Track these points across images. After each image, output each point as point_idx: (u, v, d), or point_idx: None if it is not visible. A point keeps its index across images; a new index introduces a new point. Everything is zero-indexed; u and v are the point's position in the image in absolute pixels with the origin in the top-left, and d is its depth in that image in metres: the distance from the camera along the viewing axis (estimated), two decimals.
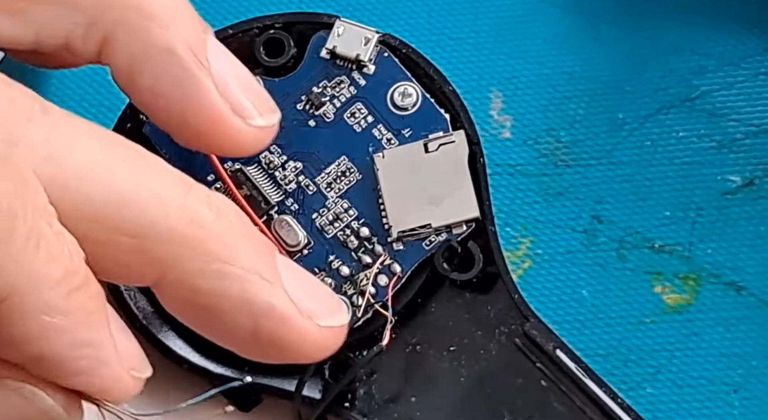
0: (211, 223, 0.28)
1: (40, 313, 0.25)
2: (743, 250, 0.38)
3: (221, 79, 0.30)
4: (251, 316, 0.28)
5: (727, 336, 0.37)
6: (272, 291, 0.28)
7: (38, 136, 0.26)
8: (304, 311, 0.29)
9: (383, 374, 0.34)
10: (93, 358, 0.27)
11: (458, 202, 0.34)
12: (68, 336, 0.26)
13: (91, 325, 0.26)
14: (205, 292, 0.28)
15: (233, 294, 0.28)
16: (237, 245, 0.28)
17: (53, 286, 0.26)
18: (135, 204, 0.27)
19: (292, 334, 0.28)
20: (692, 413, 0.37)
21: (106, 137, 0.28)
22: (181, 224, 0.27)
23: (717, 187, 0.38)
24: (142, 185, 0.27)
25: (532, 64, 0.40)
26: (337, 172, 0.34)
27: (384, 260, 0.34)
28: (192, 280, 0.28)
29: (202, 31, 0.30)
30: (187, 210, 0.28)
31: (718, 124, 0.39)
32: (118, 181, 0.27)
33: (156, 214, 0.27)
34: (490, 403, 0.33)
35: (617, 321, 0.37)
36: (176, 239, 0.27)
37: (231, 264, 0.28)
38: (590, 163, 0.39)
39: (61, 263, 0.26)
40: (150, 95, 0.30)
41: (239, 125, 0.30)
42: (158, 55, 0.29)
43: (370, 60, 0.35)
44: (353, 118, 0.35)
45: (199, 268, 0.27)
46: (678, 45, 0.40)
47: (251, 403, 0.35)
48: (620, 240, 0.38)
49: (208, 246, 0.28)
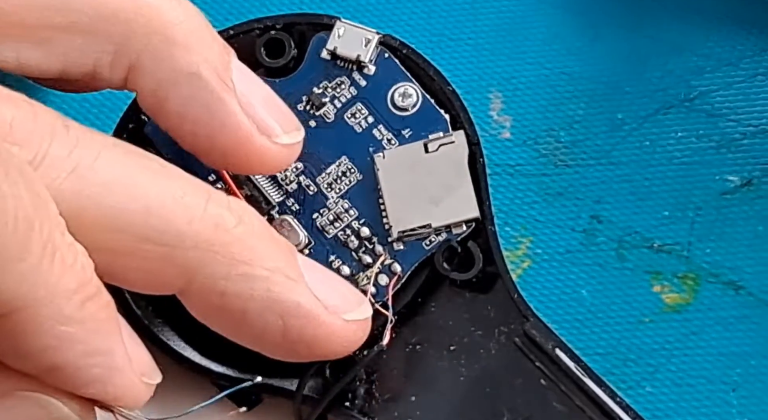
0: (234, 227, 0.28)
1: (56, 323, 0.26)
2: (742, 249, 0.38)
3: (246, 100, 0.30)
4: (279, 315, 0.29)
5: (725, 335, 0.37)
6: (297, 289, 0.29)
7: (61, 151, 0.27)
8: (330, 307, 0.29)
9: (383, 373, 0.34)
10: (106, 366, 0.27)
11: (458, 202, 0.34)
12: (82, 345, 0.26)
13: (104, 334, 0.27)
14: (233, 295, 0.28)
15: (260, 295, 0.28)
16: (260, 247, 0.29)
17: (69, 297, 0.26)
18: (160, 212, 0.27)
19: (320, 331, 0.29)
20: (691, 412, 0.37)
21: (127, 150, 0.28)
22: (206, 230, 0.28)
23: (716, 187, 0.38)
24: (166, 194, 0.28)
25: (532, 65, 0.40)
26: (337, 173, 0.34)
27: (384, 260, 0.34)
28: (219, 285, 0.28)
29: (225, 53, 0.31)
30: (210, 216, 0.28)
31: (716, 124, 0.39)
32: (142, 191, 0.27)
33: (181, 222, 0.28)
34: (490, 403, 0.33)
35: (616, 320, 0.37)
36: (202, 245, 0.28)
37: (256, 266, 0.28)
38: (589, 163, 0.39)
39: (75, 274, 0.26)
40: (177, 119, 0.30)
41: (266, 144, 0.31)
42: (184, 79, 0.30)
43: (371, 61, 0.35)
44: (354, 119, 0.35)
45: (225, 271, 0.28)
46: (677, 45, 0.40)
47: (252, 403, 0.35)
48: (619, 240, 0.38)
49: (232, 250, 0.28)
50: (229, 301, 0.28)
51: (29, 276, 0.25)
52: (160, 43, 0.30)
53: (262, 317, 0.29)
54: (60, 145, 0.27)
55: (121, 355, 0.27)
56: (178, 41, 0.30)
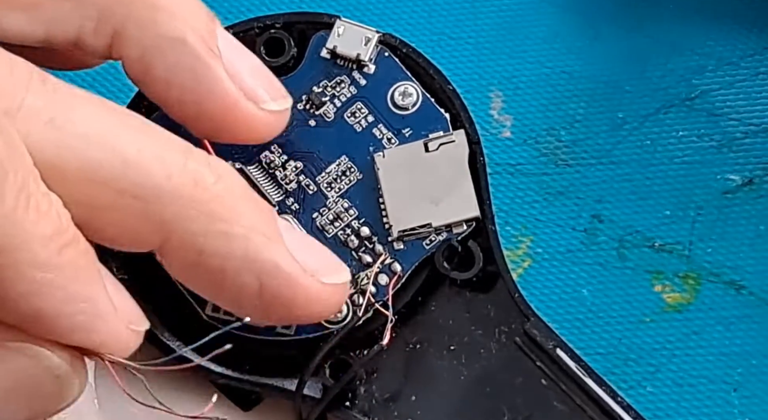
0: (213, 184, 0.28)
1: (33, 269, 0.26)
2: (743, 249, 0.38)
3: (232, 66, 0.30)
4: (256, 274, 0.28)
5: (726, 335, 0.37)
6: (275, 249, 0.29)
7: (38, 102, 0.27)
8: (308, 269, 0.29)
9: (383, 373, 0.34)
10: (89, 312, 0.27)
11: (458, 202, 0.34)
12: (62, 291, 0.26)
13: (84, 280, 0.27)
14: (210, 253, 0.28)
15: (237, 253, 0.28)
16: (239, 205, 0.28)
17: (44, 243, 0.26)
18: (139, 166, 0.27)
19: (297, 292, 0.29)
20: (692, 412, 0.37)
21: (106, 104, 0.28)
22: (185, 186, 0.28)
23: (717, 187, 0.38)
24: (146, 148, 0.28)
25: (532, 64, 0.40)
26: (337, 172, 0.34)
27: (384, 259, 0.34)
28: (196, 241, 0.28)
29: (211, 20, 0.31)
30: (189, 172, 0.28)
31: (717, 123, 0.39)
32: (121, 144, 0.27)
33: (160, 176, 0.27)
34: (490, 402, 0.33)
35: (617, 320, 0.37)
36: (180, 200, 0.28)
37: (234, 224, 0.28)
38: (590, 162, 0.39)
39: (50, 220, 0.26)
40: (163, 86, 0.30)
41: (253, 110, 0.30)
42: (169, 45, 0.30)
43: (371, 60, 0.35)
44: (353, 118, 0.35)
45: (203, 228, 0.28)
46: (678, 45, 0.40)
47: (251, 403, 0.35)
48: (620, 239, 0.38)
49: (211, 206, 0.28)
50: (207, 259, 0.28)
51: (3, 222, 0.25)
52: (145, 10, 0.30)
53: (239, 276, 0.28)
54: (36, 96, 0.27)
55: (104, 302, 0.27)
56: (162, 7, 0.30)
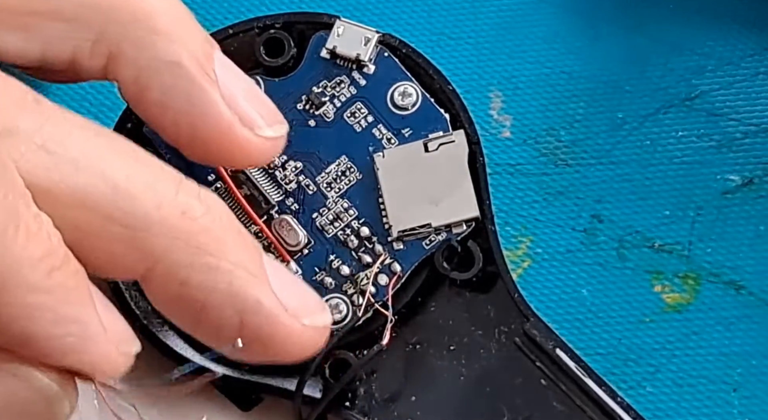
0: (202, 217, 0.28)
1: (23, 292, 0.26)
2: (743, 249, 0.38)
3: (228, 91, 0.30)
4: (238, 311, 0.28)
5: (726, 335, 0.37)
6: (259, 287, 0.29)
7: (32, 125, 0.27)
8: (290, 309, 0.29)
9: (383, 373, 0.34)
10: (79, 335, 0.27)
11: (458, 202, 0.34)
12: (52, 314, 0.26)
13: (74, 303, 0.27)
14: (194, 286, 0.28)
15: (221, 288, 0.28)
16: (226, 240, 0.28)
17: (34, 265, 0.26)
18: (129, 194, 0.27)
19: (278, 331, 0.29)
20: (692, 412, 0.37)
21: (98, 130, 0.28)
22: (173, 216, 0.28)
23: (716, 187, 0.38)
24: (136, 176, 0.28)
25: (532, 64, 0.40)
26: (337, 172, 0.34)
27: (384, 260, 0.34)
28: (181, 273, 0.28)
29: (208, 44, 0.30)
30: (179, 203, 0.28)
31: (717, 123, 0.39)
32: (112, 171, 0.27)
33: (149, 205, 0.27)
34: (490, 402, 0.33)
35: (617, 320, 0.37)
36: (168, 231, 0.27)
37: (220, 258, 0.28)
38: (590, 162, 0.39)
39: (40, 243, 0.26)
40: (158, 109, 0.30)
41: (248, 136, 0.30)
42: (165, 68, 0.30)
43: (370, 60, 0.35)
44: (353, 118, 0.35)
45: (188, 260, 0.28)
46: (678, 45, 0.40)
47: (251, 403, 0.35)
48: (620, 239, 0.38)
49: (198, 239, 0.28)
50: (189, 291, 0.28)
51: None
52: (142, 32, 0.29)
53: (220, 311, 0.28)
54: (29, 119, 0.27)
55: (94, 324, 0.27)
56: (160, 30, 0.30)
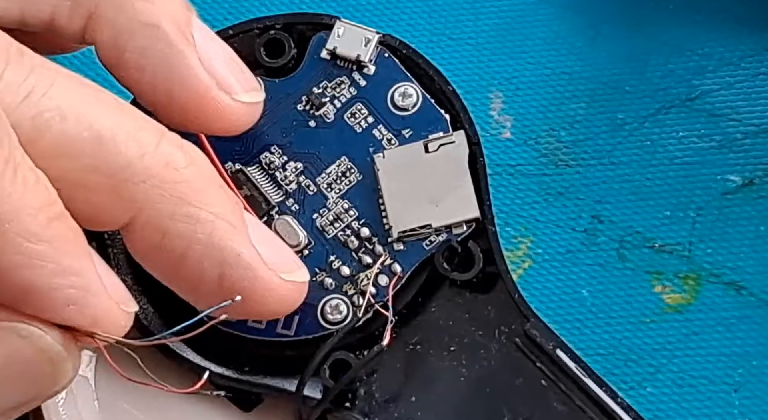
0: (185, 167, 0.28)
1: (22, 239, 0.26)
2: (743, 249, 0.38)
3: (206, 55, 0.30)
4: (218, 262, 0.28)
5: (727, 335, 0.37)
6: (240, 239, 0.29)
7: (17, 77, 0.27)
8: (269, 264, 0.29)
9: (384, 374, 0.34)
10: (80, 287, 0.27)
11: (458, 202, 0.34)
12: (52, 264, 0.26)
13: (74, 254, 0.27)
14: (175, 235, 0.28)
15: (202, 239, 0.28)
16: (208, 191, 0.28)
17: (33, 214, 0.26)
18: (112, 144, 0.27)
19: (256, 285, 0.29)
20: (692, 413, 0.37)
21: (82, 81, 0.28)
22: (156, 166, 0.28)
23: (717, 187, 0.38)
24: (120, 126, 0.28)
25: (532, 65, 0.40)
26: (337, 173, 0.34)
27: (384, 260, 0.34)
28: (163, 223, 0.28)
29: (186, 8, 0.31)
30: (162, 153, 0.28)
31: (717, 124, 0.39)
32: (96, 121, 0.27)
33: (132, 155, 0.27)
34: (490, 403, 0.33)
35: (617, 320, 0.37)
36: (150, 180, 0.28)
37: (201, 208, 0.28)
38: (590, 163, 0.39)
39: (38, 192, 0.26)
40: (135, 71, 0.30)
41: (225, 100, 0.31)
42: (143, 30, 0.30)
43: (371, 60, 0.35)
44: (353, 119, 0.35)
45: (170, 210, 0.28)
46: (678, 45, 0.40)
47: (251, 403, 0.35)
48: (620, 240, 0.38)
49: (181, 189, 0.28)
50: (170, 241, 0.28)
51: None
52: None
53: (200, 263, 0.28)
54: (14, 70, 0.27)
55: (94, 277, 0.27)
56: None
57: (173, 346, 0.34)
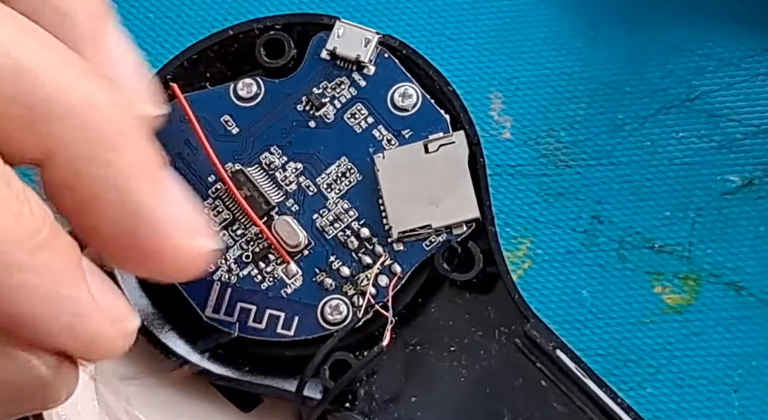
0: (110, 111, 0.27)
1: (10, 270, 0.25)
2: (743, 250, 0.38)
3: None
4: (129, 214, 0.27)
5: (726, 336, 0.37)
6: (156, 193, 0.28)
7: None
8: (182, 224, 0.28)
9: (383, 374, 0.34)
10: (73, 312, 0.26)
11: (458, 203, 0.34)
12: (42, 291, 0.26)
13: (64, 280, 0.26)
14: (90, 179, 0.27)
15: (117, 186, 0.27)
16: (129, 137, 0.27)
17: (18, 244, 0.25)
18: (33, 75, 0.26)
19: (167, 244, 0.28)
20: (692, 413, 0.37)
21: (7, 12, 0.27)
22: (79, 104, 0.27)
23: (717, 188, 0.38)
24: (42, 59, 0.26)
25: (532, 65, 0.40)
26: (337, 173, 0.34)
27: (384, 261, 0.34)
28: (79, 164, 0.27)
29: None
30: (87, 93, 0.27)
31: (717, 124, 0.39)
32: (17, 50, 0.26)
33: (55, 89, 0.26)
34: (490, 403, 0.33)
35: (617, 321, 0.37)
36: (72, 119, 0.27)
37: (120, 155, 0.27)
38: (590, 163, 0.39)
39: (23, 222, 0.25)
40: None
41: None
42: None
43: (371, 61, 0.35)
44: (353, 119, 0.35)
45: (90, 152, 0.27)
46: (678, 45, 0.40)
47: (251, 403, 0.35)
48: (620, 240, 0.38)
49: (104, 131, 0.27)
50: (85, 184, 0.27)
51: None
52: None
53: (112, 211, 0.27)
54: None
55: (87, 301, 0.26)
56: None
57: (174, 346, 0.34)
